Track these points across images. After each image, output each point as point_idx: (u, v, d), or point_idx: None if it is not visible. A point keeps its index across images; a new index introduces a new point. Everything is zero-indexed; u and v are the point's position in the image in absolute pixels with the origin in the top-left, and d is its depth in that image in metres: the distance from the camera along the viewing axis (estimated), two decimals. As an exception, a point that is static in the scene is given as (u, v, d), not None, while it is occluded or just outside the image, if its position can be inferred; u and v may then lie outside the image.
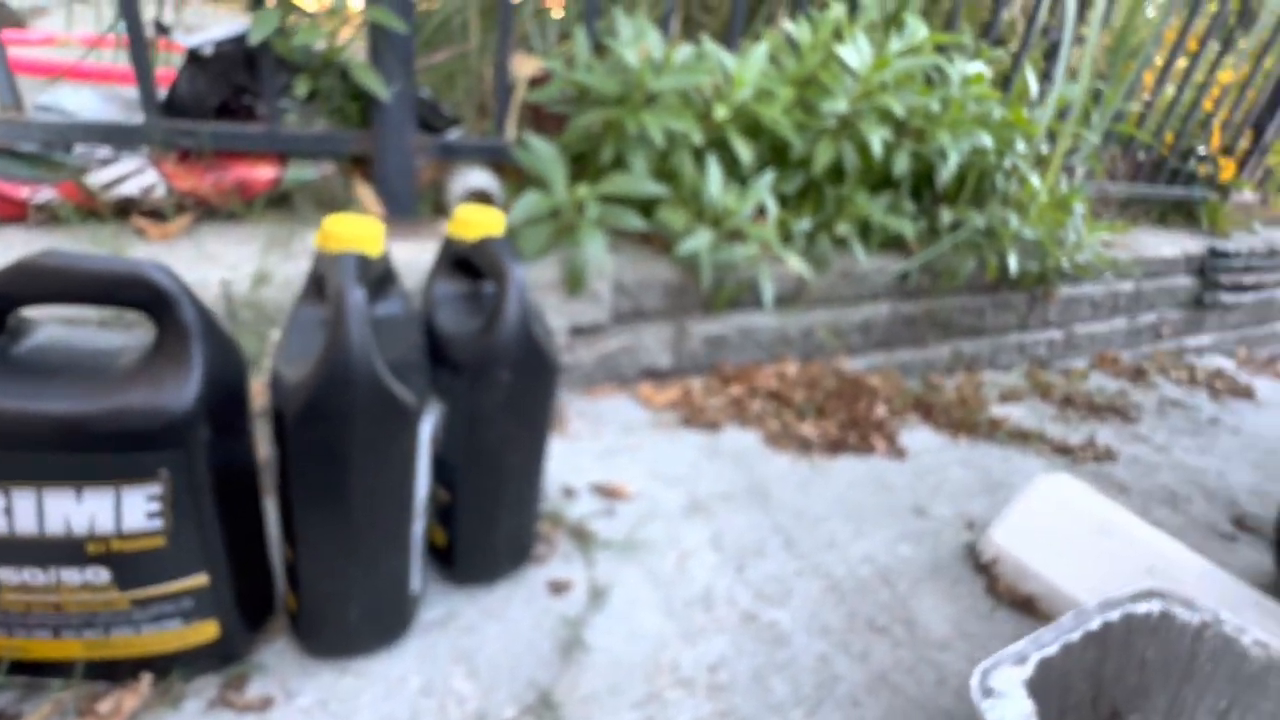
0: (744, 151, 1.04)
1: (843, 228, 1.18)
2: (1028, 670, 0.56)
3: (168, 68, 1.02)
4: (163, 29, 0.94)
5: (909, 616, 0.81)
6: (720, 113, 1.00)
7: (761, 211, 1.12)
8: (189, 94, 0.93)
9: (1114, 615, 0.63)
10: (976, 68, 1.28)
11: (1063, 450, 1.32)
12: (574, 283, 1.00)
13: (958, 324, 1.51)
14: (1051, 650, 0.58)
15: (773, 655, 0.72)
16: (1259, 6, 1.64)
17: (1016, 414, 1.43)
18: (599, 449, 1.00)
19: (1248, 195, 2.15)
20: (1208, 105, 1.93)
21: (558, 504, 0.87)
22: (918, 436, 1.24)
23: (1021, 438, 1.32)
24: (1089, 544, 0.87)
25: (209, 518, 0.51)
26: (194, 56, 0.92)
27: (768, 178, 1.06)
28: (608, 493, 0.91)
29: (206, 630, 0.55)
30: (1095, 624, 0.63)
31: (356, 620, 0.59)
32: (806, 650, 0.73)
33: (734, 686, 0.67)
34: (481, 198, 1.07)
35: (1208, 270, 1.96)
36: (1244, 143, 2.06)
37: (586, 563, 0.79)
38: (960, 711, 0.70)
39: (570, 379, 1.11)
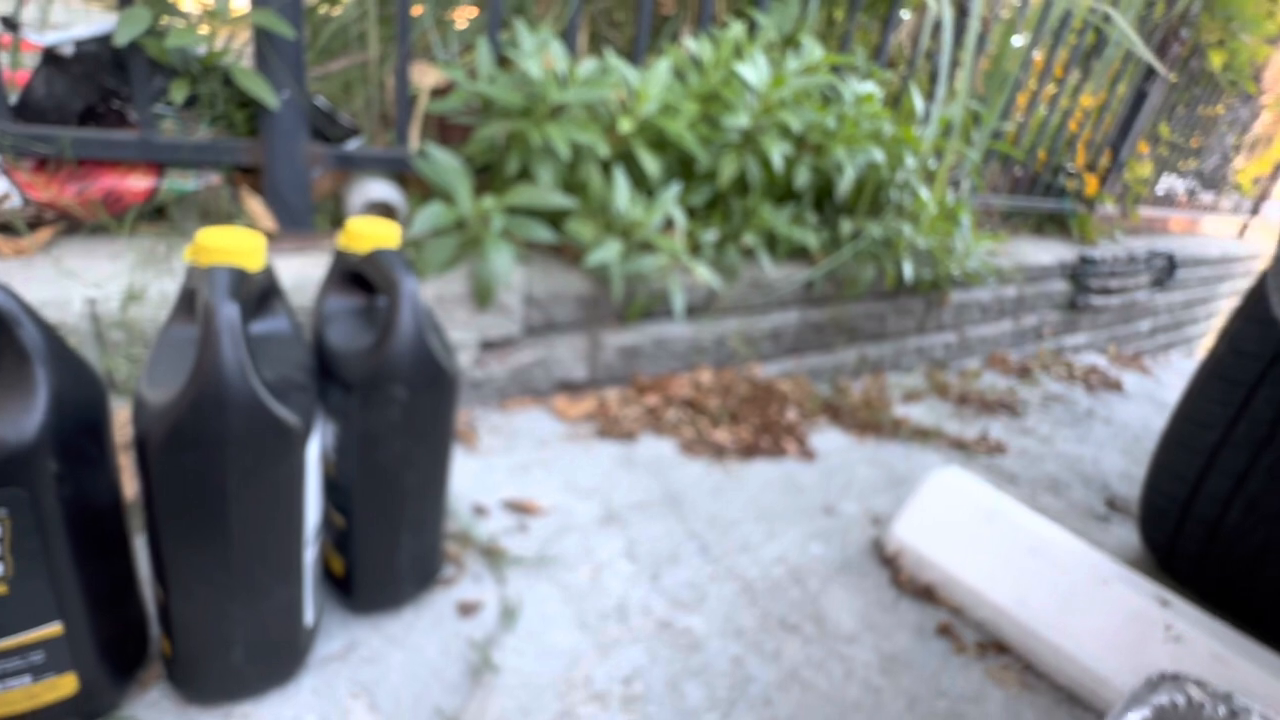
0: (651, 164, 1.06)
1: (749, 238, 1.22)
2: None
3: (24, 70, 0.94)
4: (10, 25, 0.86)
5: (819, 613, 0.84)
6: (626, 126, 1.01)
7: (670, 223, 1.14)
8: (46, 97, 0.85)
9: (1144, 713, 0.63)
10: (868, 88, 1.36)
11: (959, 445, 1.40)
12: (482, 296, 0.99)
13: (862, 329, 1.59)
14: None
15: (687, 661, 0.72)
16: (1110, 37, 1.82)
17: (917, 413, 1.51)
18: (512, 464, 0.98)
19: (1110, 208, 2.37)
20: (1073, 126, 2.13)
21: (468, 523, 0.84)
22: (827, 438, 1.28)
23: (922, 435, 1.39)
24: (980, 532, 0.92)
25: (61, 560, 0.46)
26: (51, 56, 0.85)
27: (674, 190, 1.08)
28: (520, 508, 0.89)
29: (63, 685, 0.50)
30: None
31: (241, 661, 0.55)
32: (720, 654, 0.74)
33: (649, 696, 0.67)
34: (384, 210, 1.03)
35: (1079, 276, 2.15)
36: (1104, 161, 2.28)
37: (497, 581, 0.77)
38: (866, 701, 0.73)
39: (482, 394, 1.08)
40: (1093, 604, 0.82)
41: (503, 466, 0.97)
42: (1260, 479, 0.81)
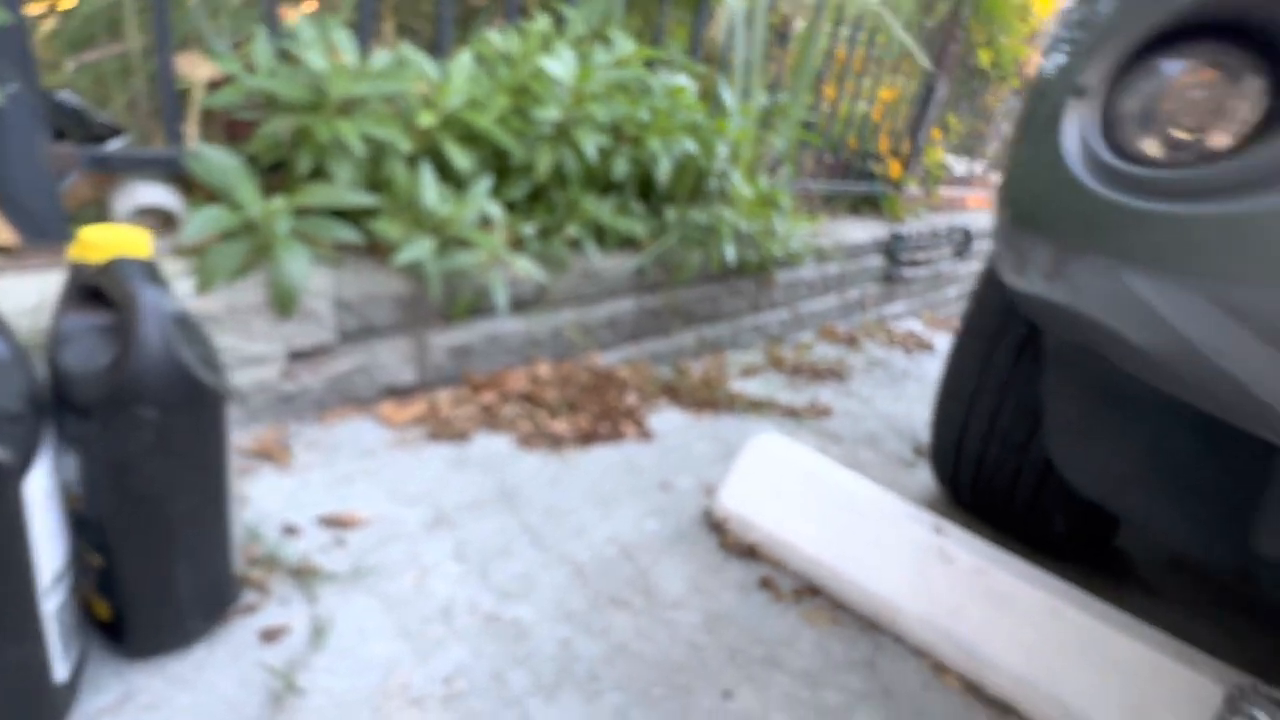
0: (460, 159, 1.04)
1: (573, 230, 1.24)
2: None
3: None
4: None
5: (648, 586, 0.87)
6: (426, 120, 0.99)
7: (488, 218, 1.13)
8: None
9: None
10: (682, 81, 1.42)
11: (791, 413, 1.51)
12: (283, 303, 0.92)
13: (698, 312, 1.66)
14: None
15: (514, 651, 0.72)
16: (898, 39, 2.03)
17: (754, 387, 1.61)
18: (330, 478, 0.93)
19: (914, 189, 2.65)
20: (876, 116, 2.35)
21: (275, 544, 0.79)
22: (666, 418, 1.33)
23: (757, 407, 1.49)
24: (797, 490, 1.00)
25: None
26: None
27: (485, 184, 1.07)
28: (337, 523, 0.85)
29: None
30: None
31: (-30, 733, 0.48)
32: (548, 638, 0.75)
33: (472, 691, 0.67)
34: (158, 215, 0.94)
35: (892, 251, 2.38)
36: (905, 147, 2.55)
37: (308, 601, 0.73)
38: (691, 660, 0.77)
39: (296, 407, 1.02)
40: (885, 541, 0.91)
41: (320, 482, 0.92)
42: (1007, 417, 0.95)
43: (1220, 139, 0.51)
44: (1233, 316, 0.46)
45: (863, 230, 2.28)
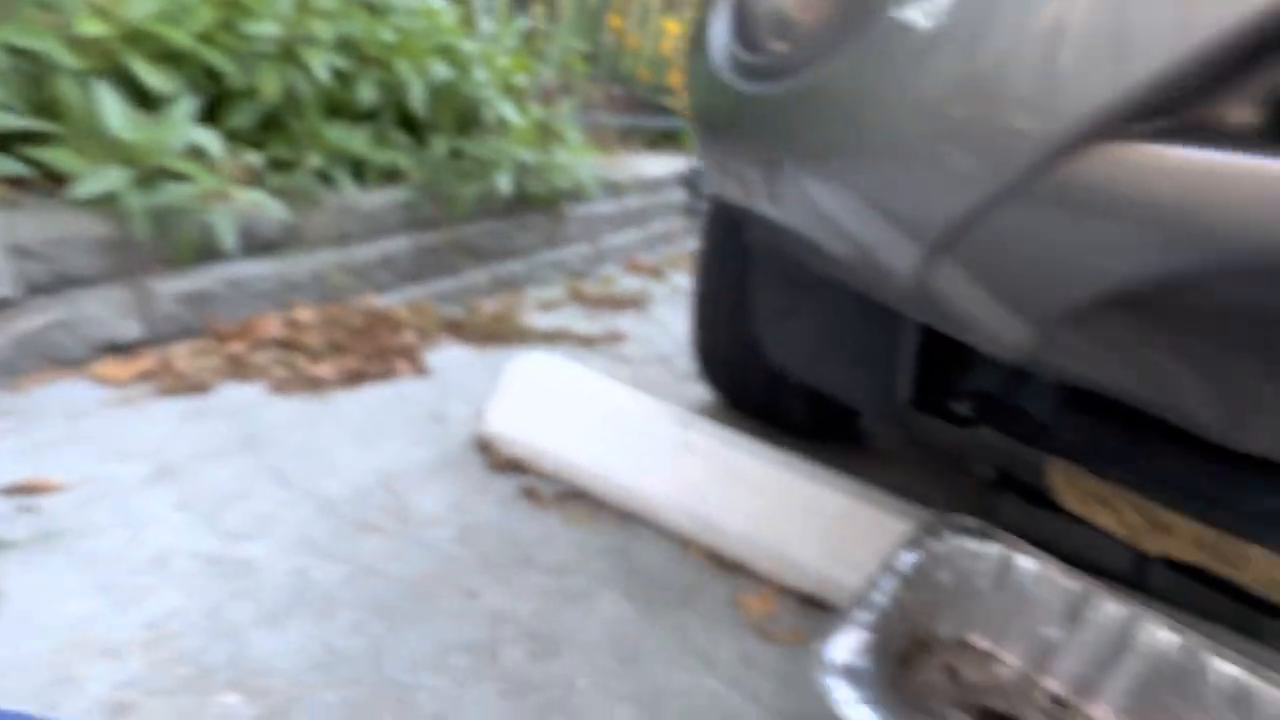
0: (151, 78, 0.92)
1: (316, 161, 1.16)
2: (863, 637, 0.59)
3: None
4: None
5: (405, 510, 0.87)
6: (93, 29, 0.86)
7: (203, 150, 1.03)
8: None
9: (916, 555, 0.71)
10: (435, 2, 1.35)
11: (586, 342, 1.56)
12: (-74, 250, 0.78)
13: (487, 249, 1.64)
14: (882, 606, 0.63)
15: (237, 587, 0.70)
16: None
17: (549, 320, 1.63)
18: (23, 446, 0.82)
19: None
20: (665, 50, 2.41)
21: (-65, 521, 0.69)
22: (448, 355, 1.32)
23: (549, 338, 1.51)
24: (559, 404, 1.04)
25: None
26: None
27: (186, 106, 0.96)
28: (28, 490, 0.76)
29: None
30: (904, 567, 0.68)
31: None
32: (281, 570, 0.73)
33: (184, 632, 0.64)
34: None
35: (692, 184, 2.49)
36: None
37: (-22, 574, 0.65)
38: (441, 569, 0.79)
39: (-24, 374, 0.88)
40: (639, 440, 0.98)
41: (7, 452, 0.81)
42: (738, 317, 1.04)
43: (809, 19, 0.57)
44: (817, 187, 0.54)
45: (661, 165, 2.35)
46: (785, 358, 0.90)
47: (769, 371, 1.09)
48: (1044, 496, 0.89)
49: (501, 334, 1.45)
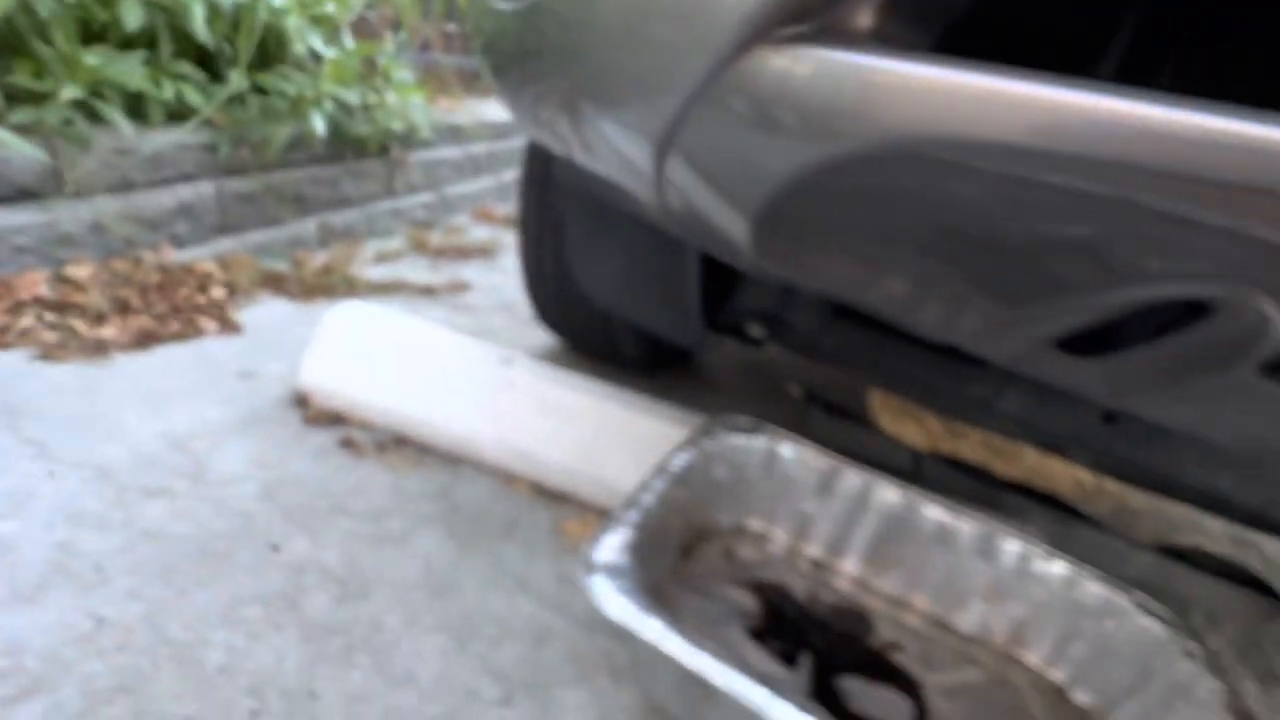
0: None
1: (70, 91, 1.01)
2: (626, 535, 0.60)
3: None
4: None
5: (199, 471, 0.82)
6: None
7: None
8: None
9: (690, 454, 0.71)
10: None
11: (426, 291, 1.50)
12: None
13: (314, 197, 1.53)
14: (648, 505, 0.63)
15: (-19, 567, 0.63)
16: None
17: (387, 272, 1.55)
18: None
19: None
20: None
21: None
22: (266, 309, 1.23)
23: (384, 289, 1.45)
24: (380, 353, 1.00)
25: None
26: None
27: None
28: None
29: None
30: (677, 467, 0.70)
31: None
32: (35, 546, 0.67)
33: (-92, 621, 0.57)
34: None
35: (545, 130, 2.42)
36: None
37: None
38: (233, 527, 0.75)
39: None
40: (462, 382, 0.97)
41: None
42: (557, 252, 1.04)
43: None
44: (564, 102, 0.54)
45: (511, 109, 2.27)
46: (596, 290, 0.92)
47: (595, 308, 1.11)
48: (845, 409, 0.98)
49: (329, 287, 1.36)
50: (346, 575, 0.72)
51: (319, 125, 1.35)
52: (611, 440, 0.94)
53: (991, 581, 0.76)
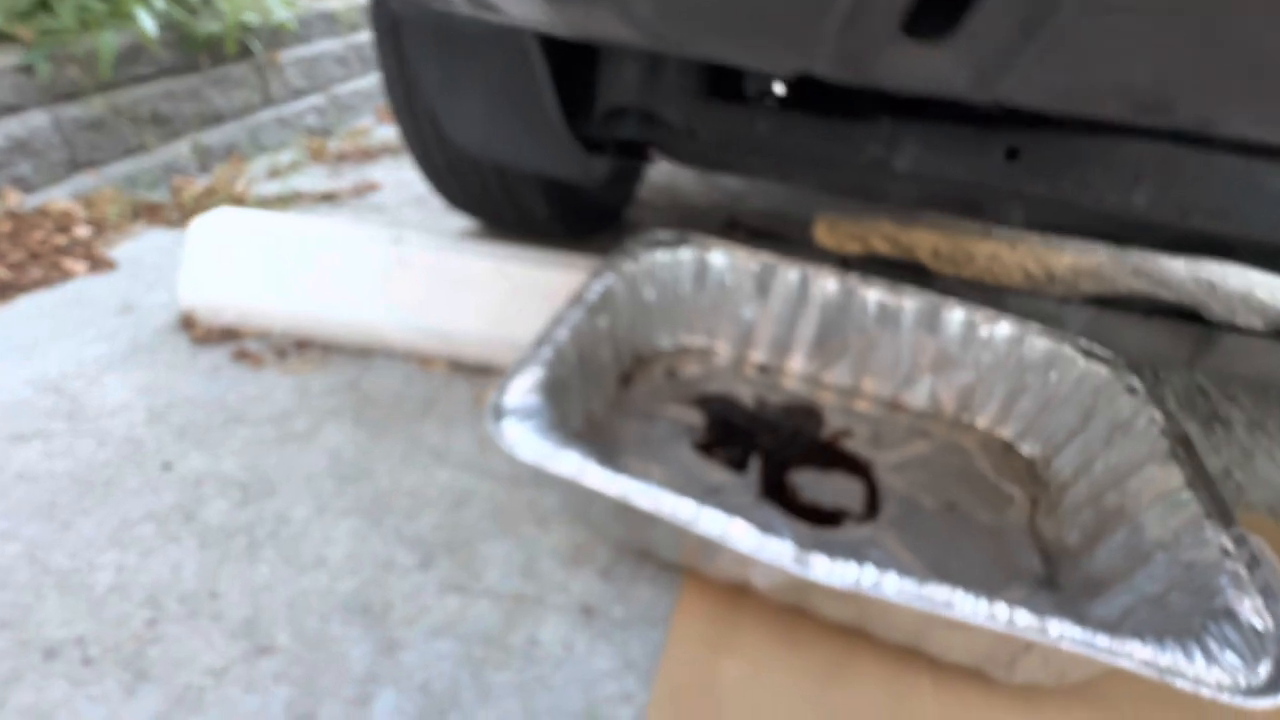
0: None
1: None
2: (537, 374, 0.55)
3: None
4: None
5: (77, 409, 0.75)
6: None
7: None
8: None
9: (608, 280, 0.65)
10: None
11: (328, 197, 1.38)
12: None
13: (178, 115, 1.37)
14: (561, 340, 0.57)
15: None
16: None
17: (281, 186, 1.43)
18: None
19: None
20: None
21: None
22: (143, 242, 1.12)
23: (279, 203, 1.33)
24: (260, 256, 0.91)
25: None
26: None
27: None
28: None
29: None
30: (594, 295, 0.64)
31: None
32: (-107, 507, 0.61)
33: None
34: None
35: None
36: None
37: None
38: (118, 456, 0.69)
39: None
40: (354, 269, 0.89)
41: None
42: (426, 103, 0.93)
43: None
44: None
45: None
46: (469, 140, 0.81)
47: (482, 165, 1.00)
48: (767, 233, 0.90)
49: (212, 207, 1.25)
50: (248, 479, 0.68)
51: (148, 25, 1.18)
52: (522, 300, 0.87)
53: (938, 353, 0.72)
